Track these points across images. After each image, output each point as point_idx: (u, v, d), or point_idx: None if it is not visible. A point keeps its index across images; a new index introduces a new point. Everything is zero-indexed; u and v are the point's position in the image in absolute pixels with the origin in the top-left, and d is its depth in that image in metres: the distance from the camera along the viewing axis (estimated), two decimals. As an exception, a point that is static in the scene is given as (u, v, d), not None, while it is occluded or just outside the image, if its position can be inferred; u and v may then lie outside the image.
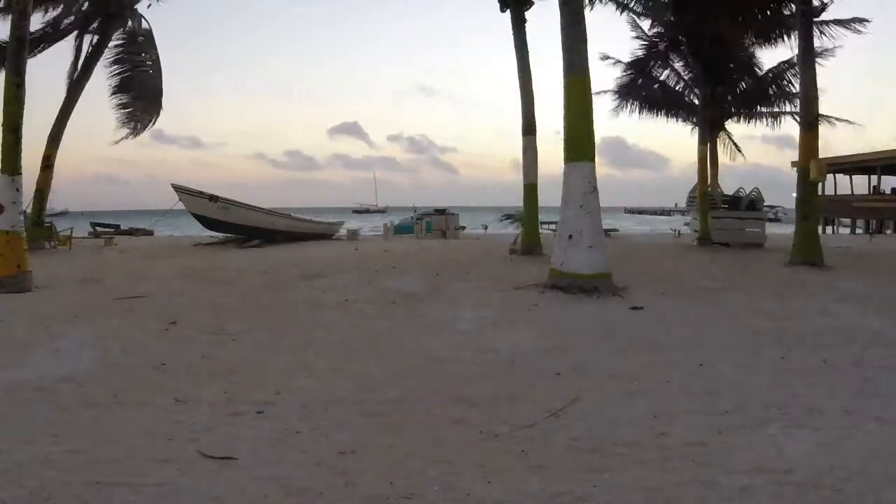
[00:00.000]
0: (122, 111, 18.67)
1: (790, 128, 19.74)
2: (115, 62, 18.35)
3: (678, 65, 19.30)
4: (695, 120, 19.17)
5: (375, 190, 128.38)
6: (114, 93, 18.52)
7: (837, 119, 19.01)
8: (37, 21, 15.80)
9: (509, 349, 5.78)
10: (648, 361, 5.37)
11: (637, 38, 18.62)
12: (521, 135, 14.53)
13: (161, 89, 19.08)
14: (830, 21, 14.46)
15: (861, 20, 14.67)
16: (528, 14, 14.42)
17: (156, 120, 19.25)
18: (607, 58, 18.88)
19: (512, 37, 14.51)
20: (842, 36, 14.79)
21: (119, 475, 3.14)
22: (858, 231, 31.33)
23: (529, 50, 14.46)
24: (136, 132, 19.05)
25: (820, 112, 13.51)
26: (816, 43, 13.34)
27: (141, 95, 18.68)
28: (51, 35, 16.65)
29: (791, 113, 19.00)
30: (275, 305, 8.20)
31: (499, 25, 14.83)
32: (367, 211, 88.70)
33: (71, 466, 3.24)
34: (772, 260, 13.09)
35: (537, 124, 14.42)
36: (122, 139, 19.04)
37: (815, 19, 13.02)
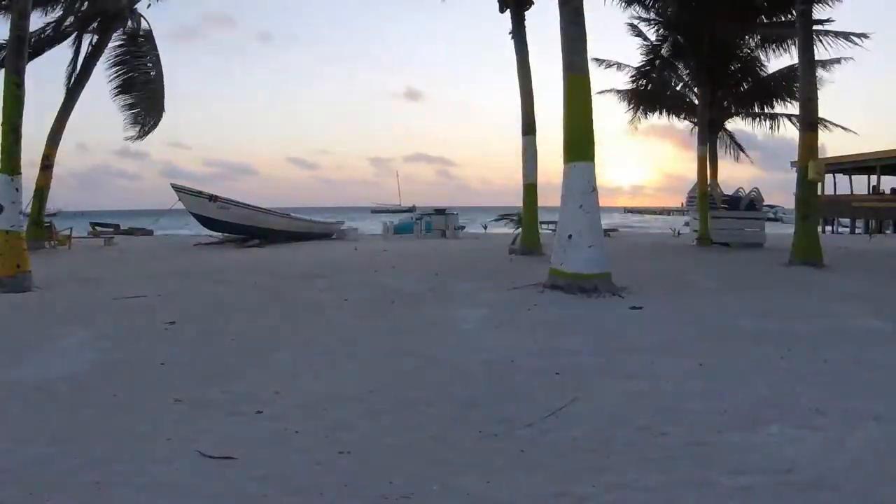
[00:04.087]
0: (128, 112, 18.68)
1: (789, 131, 19.63)
2: (115, 63, 18.34)
3: (679, 66, 19.31)
4: (694, 120, 19.19)
5: (398, 188, 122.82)
6: (116, 94, 18.51)
7: (834, 125, 19.01)
8: (37, 22, 15.81)
9: (509, 349, 5.78)
10: (648, 361, 5.36)
11: (639, 36, 18.64)
12: (521, 135, 14.55)
13: (163, 90, 19.06)
14: (831, 32, 14.53)
15: (861, 35, 14.74)
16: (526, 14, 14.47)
17: (158, 121, 19.23)
18: (602, 61, 18.90)
19: (512, 37, 14.54)
20: (842, 47, 14.87)
21: (119, 475, 3.14)
22: (858, 231, 31.36)
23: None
24: (142, 134, 19.04)
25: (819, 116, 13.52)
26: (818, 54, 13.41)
27: (144, 96, 18.66)
28: (51, 38, 16.63)
29: (789, 115, 19.01)
30: (274, 305, 8.20)
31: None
32: (389, 211, 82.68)
33: (71, 466, 3.23)
34: (771, 260, 13.09)
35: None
36: (129, 139, 19.06)
37: (815, 28, 13.05)
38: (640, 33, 18.46)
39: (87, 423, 3.90)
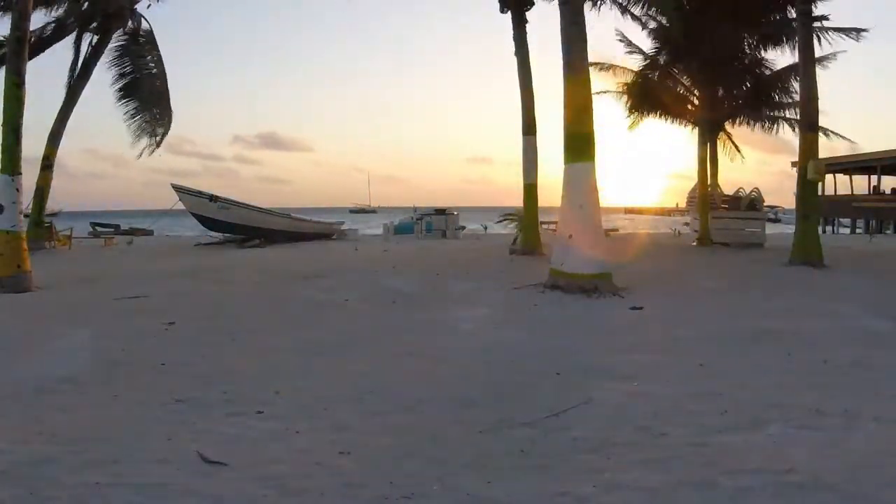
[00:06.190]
0: (134, 119, 18.30)
1: (788, 131, 19.55)
2: (116, 63, 18.30)
3: (679, 66, 19.26)
4: (694, 121, 19.16)
5: (369, 190, 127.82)
6: (120, 98, 18.31)
7: (834, 133, 18.98)
8: (37, 21, 15.81)
9: (509, 349, 5.78)
10: (648, 361, 5.36)
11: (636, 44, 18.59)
12: (522, 135, 14.55)
13: (168, 92, 18.87)
14: (830, 29, 14.48)
15: (860, 29, 14.68)
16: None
17: (170, 125, 18.91)
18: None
19: (512, 38, 14.54)
20: (841, 42, 14.80)
21: (119, 475, 3.14)
22: (858, 231, 31.34)
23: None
24: (155, 142, 18.68)
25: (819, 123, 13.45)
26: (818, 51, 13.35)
27: (149, 100, 18.43)
28: (50, 37, 16.63)
29: (789, 119, 18.99)
30: (275, 305, 8.20)
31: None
32: (363, 211, 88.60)
33: (71, 466, 3.23)
34: (772, 260, 13.08)
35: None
36: (143, 152, 18.58)
37: (815, 25, 12.99)
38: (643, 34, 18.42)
39: (87, 423, 3.90)
